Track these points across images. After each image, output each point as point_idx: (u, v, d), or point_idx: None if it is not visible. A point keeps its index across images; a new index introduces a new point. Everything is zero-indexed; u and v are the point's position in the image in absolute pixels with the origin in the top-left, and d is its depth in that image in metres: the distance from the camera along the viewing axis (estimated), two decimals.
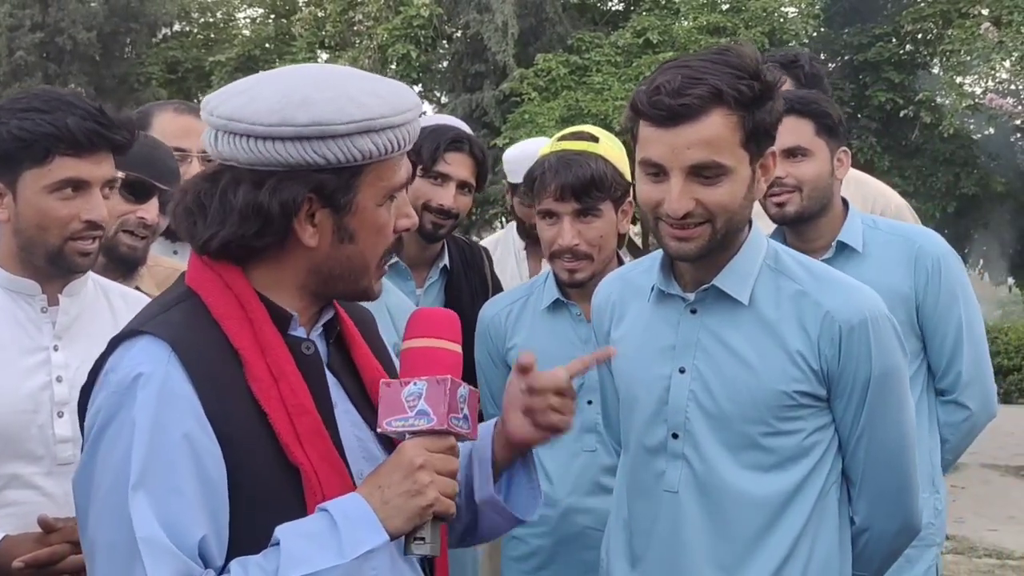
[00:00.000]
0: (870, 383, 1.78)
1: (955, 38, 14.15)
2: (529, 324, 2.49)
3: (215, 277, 1.41)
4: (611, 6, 18.51)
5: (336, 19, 17.71)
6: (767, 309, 1.79)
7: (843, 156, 2.59)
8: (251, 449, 1.35)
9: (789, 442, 1.78)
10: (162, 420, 1.32)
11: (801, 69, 2.92)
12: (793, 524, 1.78)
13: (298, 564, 1.29)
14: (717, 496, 1.80)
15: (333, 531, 1.31)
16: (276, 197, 1.35)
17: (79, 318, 2.01)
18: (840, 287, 1.81)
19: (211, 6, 24.17)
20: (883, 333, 1.79)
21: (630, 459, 1.94)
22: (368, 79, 1.43)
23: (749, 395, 1.77)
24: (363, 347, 1.56)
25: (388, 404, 1.41)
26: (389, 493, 1.36)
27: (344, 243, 1.41)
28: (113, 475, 1.32)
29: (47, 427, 1.92)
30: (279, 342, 1.40)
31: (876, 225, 2.61)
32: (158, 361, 1.34)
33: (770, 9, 15.28)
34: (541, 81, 15.27)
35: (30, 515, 1.86)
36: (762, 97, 1.72)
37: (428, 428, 1.39)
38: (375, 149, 1.37)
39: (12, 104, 1.91)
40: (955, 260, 2.57)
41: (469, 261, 3.04)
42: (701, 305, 1.82)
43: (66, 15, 19.80)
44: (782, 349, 1.77)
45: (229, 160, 1.38)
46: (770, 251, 1.84)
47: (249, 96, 1.38)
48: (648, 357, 1.85)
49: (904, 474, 1.86)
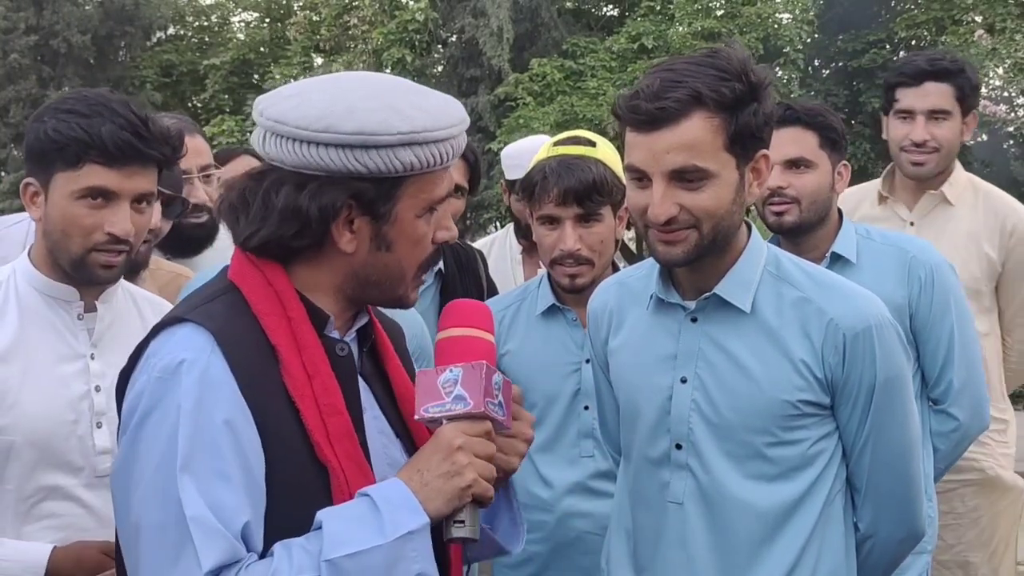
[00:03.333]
0: (875, 390, 1.76)
1: (949, 45, 14.18)
2: (523, 330, 2.47)
3: (257, 273, 1.43)
4: (606, 11, 18.54)
5: (331, 23, 17.71)
6: (769, 317, 1.76)
7: (843, 170, 2.61)
8: (284, 444, 1.37)
9: (793, 452, 1.76)
10: (206, 406, 1.33)
11: (968, 80, 2.95)
12: (799, 534, 1.76)
13: (341, 544, 1.30)
14: (721, 507, 1.77)
15: (375, 513, 1.33)
16: (316, 201, 1.38)
17: (112, 325, 1.97)
18: (843, 293, 1.78)
19: (206, 10, 24.15)
20: (887, 339, 1.77)
21: (632, 469, 1.91)
22: (418, 92, 1.44)
23: (752, 405, 1.75)
24: (395, 358, 1.58)
25: (425, 391, 1.43)
26: (428, 475, 1.38)
27: (381, 251, 1.43)
28: (159, 457, 1.32)
29: (87, 438, 1.87)
30: (315, 341, 1.42)
31: (869, 235, 2.62)
32: (201, 349, 1.35)
33: (765, 15, 15.32)
34: (536, 86, 15.29)
35: (70, 527, 1.83)
36: (746, 99, 1.67)
37: (465, 412, 1.41)
38: (417, 161, 1.39)
39: (59, 103, 1.87)
40: (948, 270, 2.58)
41: (464, 264, 3.04)
42: (702, 314, 1.79)
43: (60, 18, 19.77)
44: (785, 357, 1.74)
45: (275, 161, 1.41)
46: (771, 257, 1.81)
47: (298, 100, 1.40)
48: (648, 367, 1.83)
49: (909, 480, 1.83)
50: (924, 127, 2.91)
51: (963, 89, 2.93)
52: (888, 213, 3.05)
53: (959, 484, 2.95)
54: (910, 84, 2.95)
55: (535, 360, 2.41)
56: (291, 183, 1.39)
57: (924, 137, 2.92)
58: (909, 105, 2.94)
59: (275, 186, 1.40)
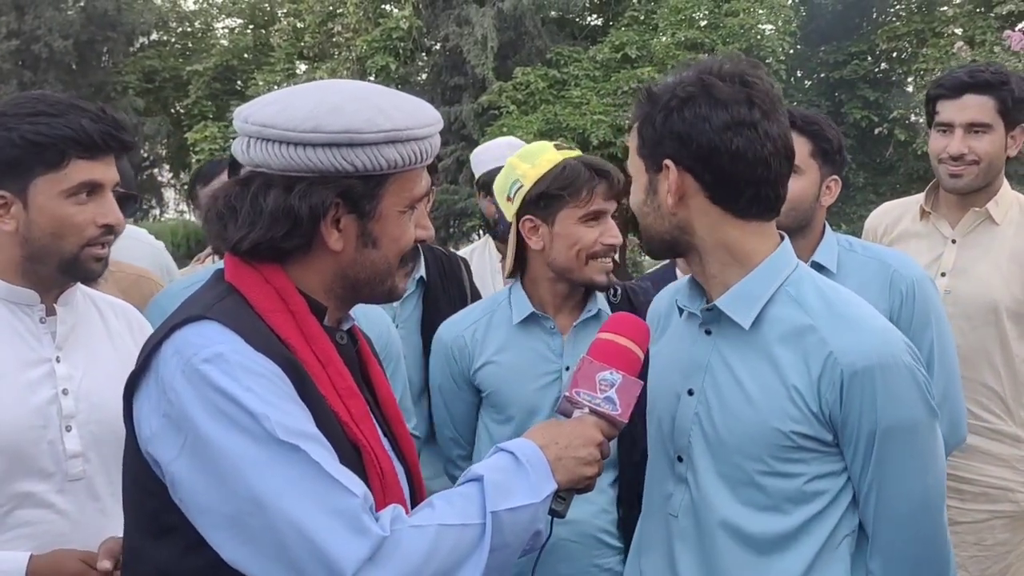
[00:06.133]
0: (875, 436, 1.61)
1: (929, 57, 14.32)
2: (500, 340, 2.45)
3: (254, 273, 1.46)
4: (590, 21, 18.60)
5: (315, 30, 17.70)
6: (772, 340, 1.66)
7: (832, 184, 2.59)
8: (323, 426, 1.38)
9: (787, 485, 1.65)
10: (269, 387, 1.34)
11: (1011, 92, 2.86)
12: (790, 569, 1.66)
13: (503, 498, 1.40)
14: (709, 527, 1.71)
15: (524, 472, 1.44)
16: (305, 201, 1.41)
17: (75, 328, 1.94)
18: (853, 326, 1.63)
19: (189, 15, 24.10)
20: (895, 382, 1.60)
21: (649, 473, 1.89)
22: (394, 95, 1.49)
23: (747, 429, 1.66)
24: (375, 363, 1.63)
25: (583, 377, 1.59)
26: (565, 453, 1.50)
27: (368, 248, 1.47)
28: (248, 433, 1.31)
29: (57, 442, 1.83)
30: (321, 331, 1.46)
31: (852, 247, 2.61)
32: (233, 341, 1.37)
33: (747, 26, 15.41)
34: (520, 94, 15.32)
35: (45, 535, 1.80)
36: (648, 109, 1.68)
37: (609, 414, 1.57)
38: (400, 159, 1.44)
39: (15, 110, 1.83)
40: (929, 284, 2.56)
41: (447, 271, 3.03)
42: (715, 326, 1.73)
43: (42, 23, 19.71)
44: (782, 384, 1.64)
45: (261, 166, 1.43)
46: (795, 277, 1.70)
47: (282, 105, 1.43)
48: (669, 373, 1.79)
49: (925, 540, 1.67)
50: (962, 140, 2.83)
51: (1006, 102, 2.83)
52: (929, 229, 2.97)
53: (991, 515, 2.90)
54: (950, 96, 2.87)
55: (514, 369, 2.41)
56: (279, 186, 1.42)
57: (961, 150, 2.83)
58: (948, 118, 2.86)
59: (263, 190, 1.42)
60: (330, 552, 1.27)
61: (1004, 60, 7.06)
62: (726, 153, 1.62)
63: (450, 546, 1.34)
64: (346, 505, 1.30)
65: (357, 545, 1.28)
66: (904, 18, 16.84)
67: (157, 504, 1.39)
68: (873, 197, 14.33)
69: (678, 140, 1.64)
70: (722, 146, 1.62)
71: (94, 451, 1.86)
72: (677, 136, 1.64)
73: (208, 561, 1.34)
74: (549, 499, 1.45)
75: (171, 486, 1.36)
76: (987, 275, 2.83)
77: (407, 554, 1.31)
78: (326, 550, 1.27)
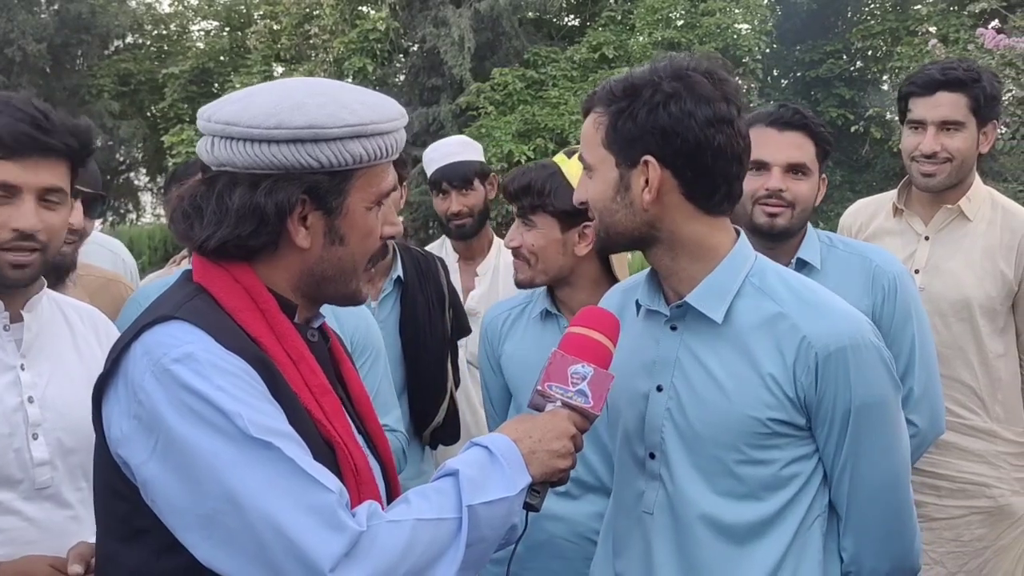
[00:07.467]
0: (851, 415, 1.67)
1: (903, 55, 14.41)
2: (520, 332, 2.48)
3: (223, 272, 1.45)
4: (567, 21, 18.64)
5: (291, 32, 17.65)
6: (744, 330, 1.69)
7: (821, 184, 2.61)
8: (297, 424, 1.37)
9: (763, 472, 1.69)
10: (241, 385, 1.34)
11: (983, 90, 2.84)
12: (767, 556, 1.69)
13: (479, 492, 1.39)
14: (687, 521, 1.72)
15: (498, 466, 1.44)
16: (271, 198, 1.40)
17: (40, 335, 1.90)
18: (822, 311, 1.69)
19: (164, 18, 23.96)
20: (865, 361, 1.67)
21: (617, 475, 1.89)
22: (357, 90, 1.48)
23: (722, 419, 1.69)
24: (347, 361, 1.62)
25: (554, 370, 1.60)
26: (538, 446, 1.50)
27: (335, 245, 1.46)
28: (221, 432, 1.30)
29: (24, 451, 1.80)
30: (292, 329, 1.45)
31: (832, 243, 2.61)
32: (203, 340, 1.35)
33: (724, 26, 15.48)
34: (498, 95, 15.32)
35: (14, 542, 1.77)
36: (626, 103, 1.65)
37: (581, 407, 1.58)
38: (365, 154, 1.43)
39: None
40: (909, 279, 2.57)
41: (423, 271, 3.02)
42: (681, 322, 1.74)
43: (16, 26, 19.55)
44: (756, 374, 1.67)
45: (225, 165, 1.42)
46: (757, 268, 1.74)
47: (245, 103, 1.42)
48: (631, 372, 1.78)
49: (895, 513, 1.74)
50: (935, 138, 2.83)
51: (978, 99, 2.82)
52: (903, 226, 2.97)
53: (968, 511, 2.90)
54: (922, 94, 2.86)
55: (526, 363, 2.41)
56: (245, 184, 1.40)
57: (934, 148, 2.83)
58: (920, 115, 2.86)
59: (228, 188, 1.41)
60: (307, 549, 1.27)
61: (978, 57, 7.10)
62: (709, 149, 1.63)
63: (427, 540, 1.33)
64: (322, 501, 1.29)
65: (334, 541, 1.27)
66: (879, 17, 16.96)
67: (128, 507, 1.37)
68: (850, 195, 14.42)
69: (662, 135, 1.63)
70: (706, 142, 1.62)
71: (61, 459, 1.84)
72: (661, 131, 1.63)
73: (182, 563, 1.32)
74: (524, 492, 1.45)
75: (143, 488, 1.34)
76: (960, 272, 2.84)
77: (384, 549, 1.30)
78: (303, 547, 1.27)
